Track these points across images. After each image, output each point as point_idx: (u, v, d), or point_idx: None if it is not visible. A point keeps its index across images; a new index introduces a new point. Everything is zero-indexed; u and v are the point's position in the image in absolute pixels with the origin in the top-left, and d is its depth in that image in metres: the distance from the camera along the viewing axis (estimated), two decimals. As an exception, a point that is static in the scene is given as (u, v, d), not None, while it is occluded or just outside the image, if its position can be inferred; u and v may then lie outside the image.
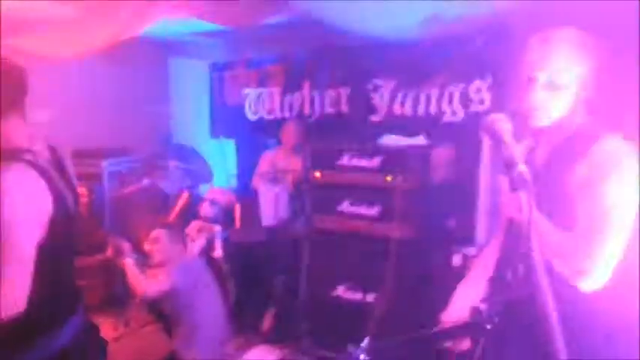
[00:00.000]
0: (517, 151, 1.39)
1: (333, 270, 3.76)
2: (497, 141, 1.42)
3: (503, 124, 1.45)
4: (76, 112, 5.21)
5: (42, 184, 1.63)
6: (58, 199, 1.67)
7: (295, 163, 4.31)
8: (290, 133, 4.59)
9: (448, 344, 1.61)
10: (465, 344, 1.59)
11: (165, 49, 5.85)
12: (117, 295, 4.25)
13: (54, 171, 1.71)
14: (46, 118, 5.15)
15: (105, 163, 5.00)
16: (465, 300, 1.69)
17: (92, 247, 4.28)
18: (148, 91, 5.68)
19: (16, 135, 1.68)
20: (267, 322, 4.00)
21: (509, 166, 1.35)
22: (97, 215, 4.69)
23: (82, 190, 4.65)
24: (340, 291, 3.72)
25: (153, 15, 4.43)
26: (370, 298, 3.56)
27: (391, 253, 3.42)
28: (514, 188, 1.32)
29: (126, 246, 3.35)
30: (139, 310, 3.99)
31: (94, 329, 1.91)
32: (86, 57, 4.79)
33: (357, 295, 3.65)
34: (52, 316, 1.69)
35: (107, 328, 4.18)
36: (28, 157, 1.64)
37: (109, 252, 3.29)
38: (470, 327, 1.43)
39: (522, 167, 1.32)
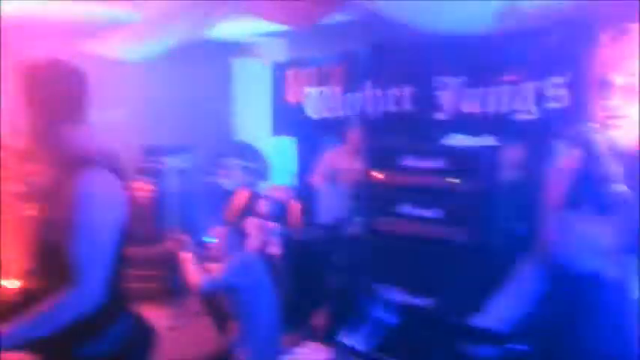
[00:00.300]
0: (613, 167, 1.21)
1: (392, 272, 3.63)
2: (591, 154, 1.25)
3: (599, 135, 1.27)
4: (142, 111, 5.38)
5: (119, 187, 1.69)
6: (128, 201, 1.74)
7: (357, 164, 4.22)
8: (355, 135, 4.49)
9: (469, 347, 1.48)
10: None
11: (228, 49, 5.94)
12: (175, 286, 4.31)
13: (118, 172, 1.74)
14: (115, 117, 5.36)
15: (169, 160, 5.12)
16: (499, 309, 1.55)
17: (153, 238, 4.39)
18: (212, 91, 5.78)
19: (84, 139, 1.70)
20: (319, 320, 3.93)
21: (601, 182, 1.19)
22: (160, 209, 4.81)
23: (147, 184, 4.80)
24: (399, 294, 3.58)
25: (217, 17, 4.49)
26: (430, 302, 3.40)
27: (456, 257, 3.26)
28: (605, 209, 1.16)
29: (186, 239, 3.39)
30: (195, 303, 4.03)
31: (145, 325, 1.91)
32: (152, 58, 4.93)
33: (417, 299, 3.50)
34: (110, 311, 1.71)
35: (163, 317, 4.26)
36: (101, 160, 1.68)
37: (169, 244, 3.33)
38: (496, 338, 1.31)
39: (621, 187, 1.16)
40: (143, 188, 4.67)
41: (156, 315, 4.43)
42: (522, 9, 3.73)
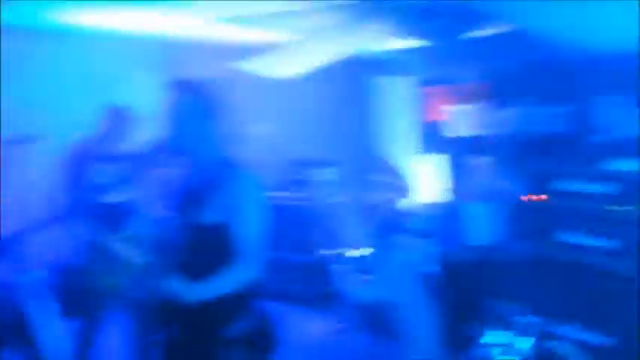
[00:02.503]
0: None
1: (553, 303, 3.49)
2: None
3: None
4: (292, 126, 5.69)
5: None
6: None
7: (510, 183, 4.14)
8: (505, 155, 4.41)
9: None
10: None
11: (372, 66, 6.09)
12: (331, 293, 4.48)
13: None
14: (267, 131, 5.74)
15: (318, 172, 5.38)
16: None
17: (307, 247, 4.64)
18: (356, 107, 5.96)
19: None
20: (473, 347, 3.86)
21: None
22: (311, 220, 5.05)
23: (296, 195, 5.09)
24: (563, 329, 3.44)
25: (363, 37, 4.65)
26: (601, 340, 3.23)
27: (630, 294, 3.09)
28: None
29: (338, 252, 3.52)
30: (353, 311, 4.15)
31: (268, 318, 2.11)
32: (303, 75, 5.20)
33: (584, 335, 3.34)
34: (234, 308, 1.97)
35: (320, 324, 4.46)
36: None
37: (324, 256, 3.47)
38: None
39: None
40: (297, 198, 4.95)
41: (315, 320, 4.71)
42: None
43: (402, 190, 5.08)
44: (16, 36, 4.12)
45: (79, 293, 3.21)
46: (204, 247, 1.95)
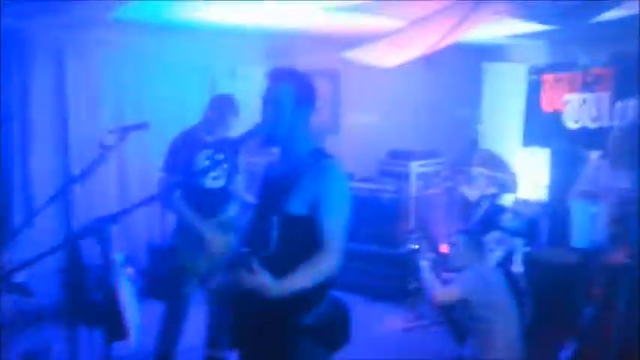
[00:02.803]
0: None
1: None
2: None
3: None
4: (392, 116, 5.61)
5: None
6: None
7: (622, 180, 3.69)
8: (617, 144, 3.95)
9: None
10: None
11: (480, 53, 5.77)
12: (414, 289, 4.41)
13: None
14: (366, 121, 5.73)
15: (413, 165, 5.25)
16: None
17: (394, 239, 4.59)
18: (460, 96, 5.71)
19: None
20: (565, 354, 3.56)
21: None
22: (402, 212, 4.98)
23: (390, 186, 5.04)
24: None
25: (475, 22, 4.41)
26: None
27: None
28: None
29: (424, 247, 3.44)
30: (431, 307, 4.07)
31: (342, 308, 2.11)
32: (407, 63, 5.08)
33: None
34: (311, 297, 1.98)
35: (398, 318, 4.41)
36: None
37: (408, 249, 3.42)
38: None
39: None
40: (387, 190, 4.90)
41: (393, 314, 4.69)
42: None
43: (506, 185, 4.79)
44: (132, 31, 4.55)
45: (169, 274, 3.47)
46: (290, 236, 1.95)
